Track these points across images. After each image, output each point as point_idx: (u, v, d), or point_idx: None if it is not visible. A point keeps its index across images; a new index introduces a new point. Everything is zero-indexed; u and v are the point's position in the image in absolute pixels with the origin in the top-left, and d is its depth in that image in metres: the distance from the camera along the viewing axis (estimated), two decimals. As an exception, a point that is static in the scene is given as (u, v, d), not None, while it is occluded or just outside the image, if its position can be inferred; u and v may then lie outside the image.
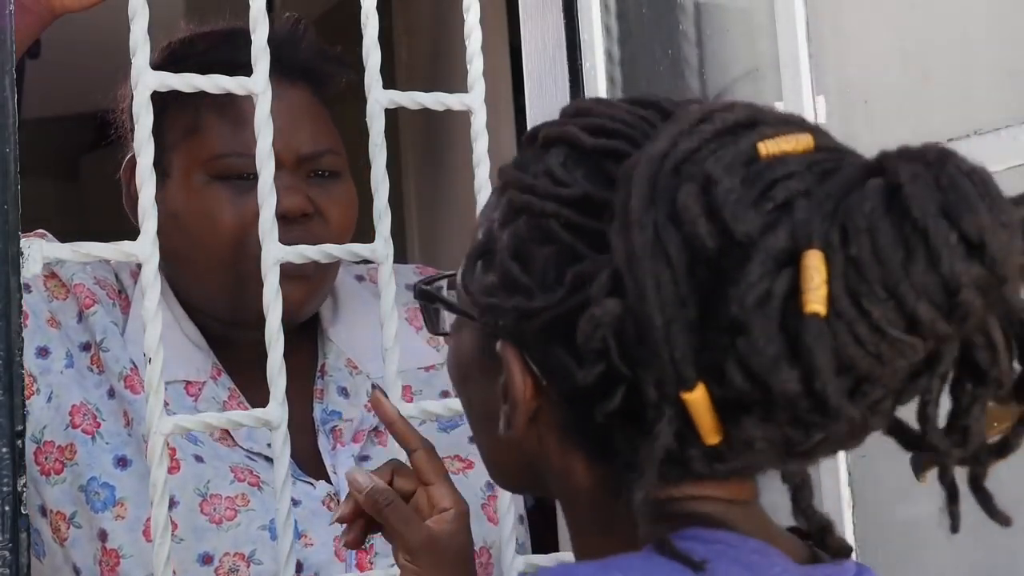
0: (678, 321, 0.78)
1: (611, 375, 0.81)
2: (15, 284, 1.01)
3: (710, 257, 0.78)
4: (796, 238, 0.77)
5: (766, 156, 0.80)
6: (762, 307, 0.76)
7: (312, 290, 1.47)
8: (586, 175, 0.85)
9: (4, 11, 1.02)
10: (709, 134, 0.81)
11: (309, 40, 1.53)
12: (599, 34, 1.46)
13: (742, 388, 0.77)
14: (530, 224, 0.86)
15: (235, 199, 1.44)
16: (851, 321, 0.76)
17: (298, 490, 1.43)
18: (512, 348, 0.86)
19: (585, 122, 0.88)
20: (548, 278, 0.84)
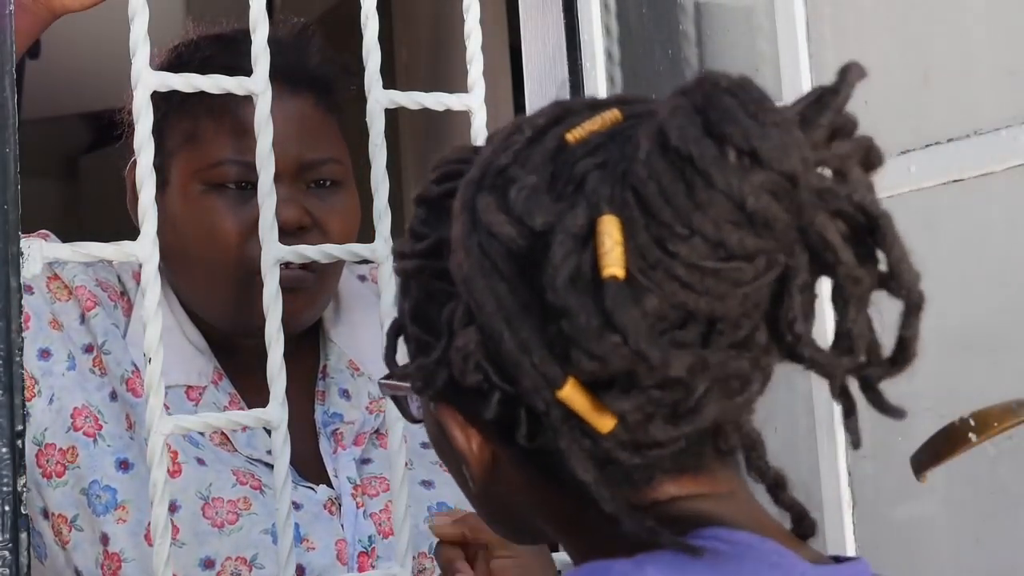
0: (525, 327, 0.78)
1: (507, 400, 0.82)
2: (15, 284, 1.01)
3: (529, 257, 0.78)
4: (590, 210, 0.77)
5: (575, 141, 0.81)
6: (574, 285, 0.76)
7: (310, 301, 1.46)
8: (439, 222, 0.86)
9: (4, 11, 1.02)
10: (520, 144, 0.82)
11: (315, 47, 1.52)
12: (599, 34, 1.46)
13: (591, 368, 0.77)
14: (416, 285, 0.88)
15: (233, 208, 1.43)
16: (667, 267, 0.75)
17: (299, 494, 1.43)
18: (444, 407, 0.87)
19: (436, 173, 0.90)
20: (440, 329, 0.85)
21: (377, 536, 1.44)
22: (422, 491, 1.47)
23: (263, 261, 1.17)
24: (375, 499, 1.46)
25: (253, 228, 1.40)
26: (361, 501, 1.45)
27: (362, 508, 1.45)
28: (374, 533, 1.44)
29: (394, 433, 1.21)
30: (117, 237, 1.14)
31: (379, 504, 1.45)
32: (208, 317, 1.49)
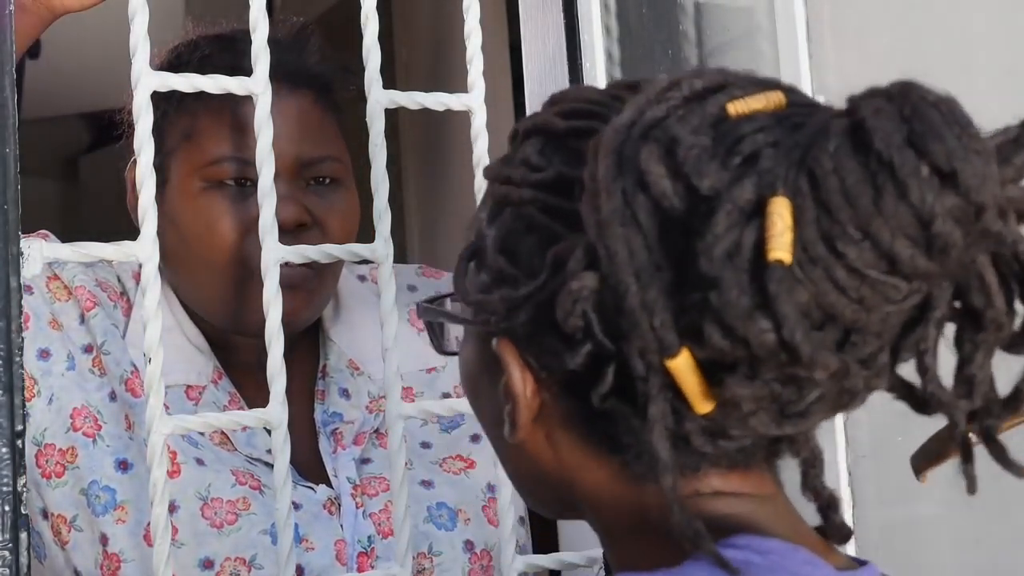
0: (654, 286, 0.76)
1: (599, 354, 0.80)
2: (15, 284, 1.01)
3: (679, 218, 0.76)
4: (762, 187, 0.75)
5: (736, 115, 0.78)
6: (731, 259, 0.74)
7: (309, 300, 1.46)
8: (561, 158, 0.84)
9: (4, 11, 1.02)
10: (677, 100, 0.80)
11: (314, 46, 1.52)
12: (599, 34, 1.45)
13: (722, 346, 0.75)
14: (513, 215, 0.85)
15: (232, 207, 1.43)
16: (828, 266, 0.74)
17: (299, 494, 1.43)
18: (507, 343, 0.85)
19: (559, 108, 0.87)
20: (533, 266, 0.83)
21: (376, 536, 1.44)
22: (422, 491, 1.47)
23: (263, 261, 1.17)
24: (374, 499, 1.46)
25: (252, 226, 1.40)
26: (360, 501, 1.45)
27: (361, 508, 1.45)
28: (373, 533, 1.44)
29: (394, 433, 1.21)
30: (117, 237, 1.14)
31: (378, 504, 1.45)
32: (208, 316, 1.49)
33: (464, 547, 1.47)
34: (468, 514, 1.48)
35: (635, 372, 0.78)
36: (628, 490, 0.85)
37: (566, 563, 1.31)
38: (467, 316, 0.89)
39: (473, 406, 0.94)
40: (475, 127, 1.27)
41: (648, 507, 0.84)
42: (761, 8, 1.51)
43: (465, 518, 1.48)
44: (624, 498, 0.85)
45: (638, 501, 0.85)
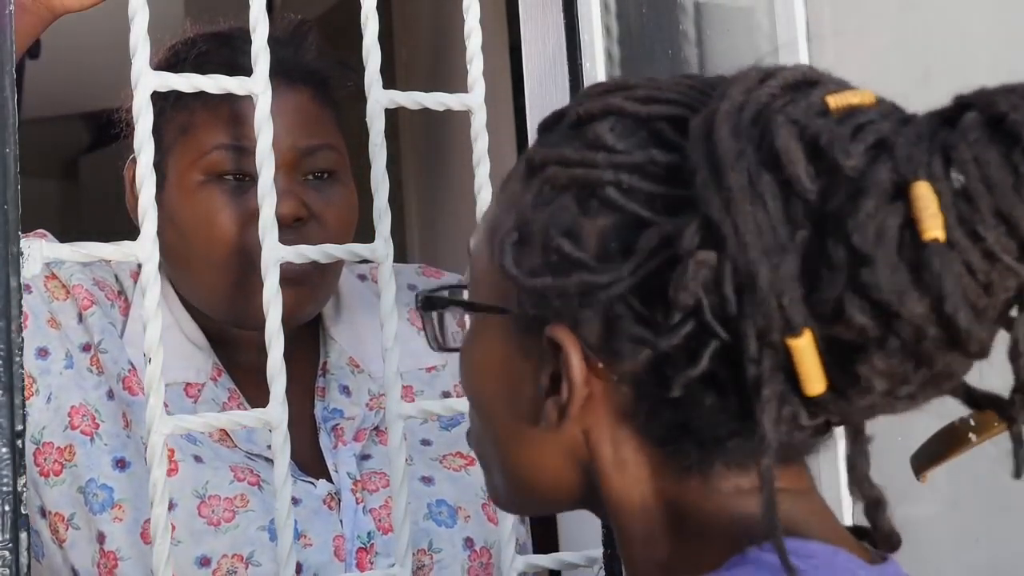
0: (783, 266, 0.77)
1: (698, 336, 0.79)
2: (15, 284, 1.01)
3: (808, 199, 0.77)
4: (900, 172, 0.76)
5: (836, 109, 0.80)
6: (881, 238, 0.75)
7: (310, 295, 1.46)
8: (642, 142, 0.83)
9: (4, 11, 1.02)
10: (777, 89, 0.81)
11: (311, 43, 1.52)
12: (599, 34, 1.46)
13: (862, 323, 0.76)
14: (580, 198, 0.84)
15: (230, 201, 1.43)
16: (964, 250, 0.76)
17: (298, 489, 1.43)
18: (566, 329, 0.83)
19: (629, 94, 0.86)
20: (609, 250, 0.82)
21: (376, 532, 1.44)
22: (422, 487, 1.47)
23: (263, 261, 1.17)
24: (375, 495, 1.46)
25: (250, 220, 1.40)
26: (360, 496, 1.45)
27: (361, 504, 1.45)
28: (373, 529, 1.44)
29: (394, 430, 1.21)
30: (117, 237, 1.14)
31: (378, 500, 1.45)
32: (208, 311, 1.49)
33: (464, 544, 1.47)
34: (468, 512, 1.48)
35: (747, 353, 0.78)
36: (667, 486, 0.85)
37: (566, 563, 1.31)
38: (494, 302, 0.88)
39: (486, 403, 0.91)
40: (475, 127, 1.27)
41: (688, 501, 0.84)
42: (761, 8, 1.51)
43: (465, 515, 1.48)
44: (661, 495, 0.85)
45: (677, 495, 0.85)
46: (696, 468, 0.84)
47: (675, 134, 0.83)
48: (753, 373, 0.78)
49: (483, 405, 0.91)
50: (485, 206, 1.26)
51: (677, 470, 0.84)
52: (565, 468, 0.87)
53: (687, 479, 0.84)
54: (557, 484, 0.89)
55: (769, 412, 0.78)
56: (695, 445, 0.83)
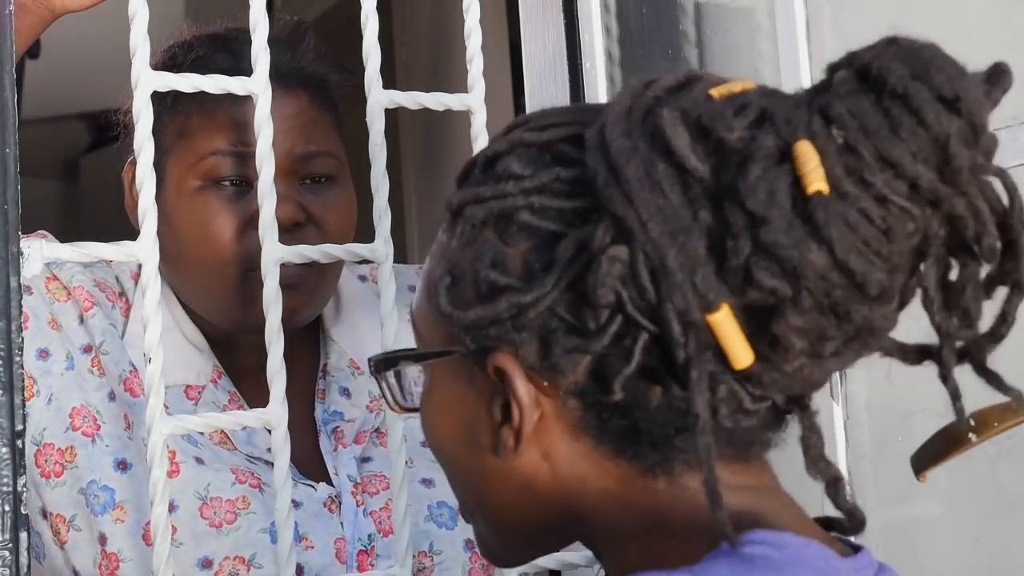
0: (689, 244, 0.79)
1: (626, 332, 0.82)
2: (15, 284, 1.01)
3: (703, 178, 0.80)
4: (782, 136, 0.79)
5: (719, 98, 0.83)
6: (773, 197, 0.78)
7: (309, 298, 1.46)
8: (547, 164, 0.87)
9: (4, 11, 1.02)
10: (662, 91, 0.85)
11: (309, 45, 1.52)
12: (599, 34, 1.46)
13: (772, 285, 0.78)
14: (499, 228, 0.87)
15: (228, 206, 1.43)
16: (856, 197, 0.78)
17: (299, 492, 1.43)
18: (507, 356, 0.85)
19: (527, 127, 0.90)
20: (533, 269, 0.85)
21: (377, 534, 1.44)
22: (422, 489, 1.47)
23: (263, 261, 1.16)
24: (375, 497, 1.46)
25: (248, 225, 1.40)
26: (361, 499, 1.45)
27: (362, 506, 1.45)
28: (374, 531, 1.44)
29: (394, 432, 1.21)
30: (117, 237, 1.14)
31: (379, 502, 1.45)
32: (206, 315, 1.49)
33: (465, 546, 1.47)
34: (468, 513, 1.48)
35: (672, 337, 0.80)
36: (637, 489, 0.86)
37: (566, 563, 1.31)
38: (442, 347, 0.90)
39: (446, 450, 0.93)
40: (475, 127, 1.27)
41: (659, 504, 0.85)
42: (761, 8, 1.51)
43: (465, 517, 1.48)
44: (632, 500, 0.86)
45: (648, 500, 0.86)
46: (659, 469, 0.85)
47: (575, 150, 0.86)
48: (681, 356, 0.80)
49: (448, 452, 0.93)
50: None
51: (641, 475, 0.86)
52: (531, 498, 0.89)
53: (653, 482, 0.86)
54: (528, 516, 0.90)
55: (700, 391, 0.80)
56: (650, 447, 0.85)
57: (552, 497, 0.88)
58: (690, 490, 0.85)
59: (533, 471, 0.87)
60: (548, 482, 0.88)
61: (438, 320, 0.89)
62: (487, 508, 0.92)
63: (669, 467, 0.86)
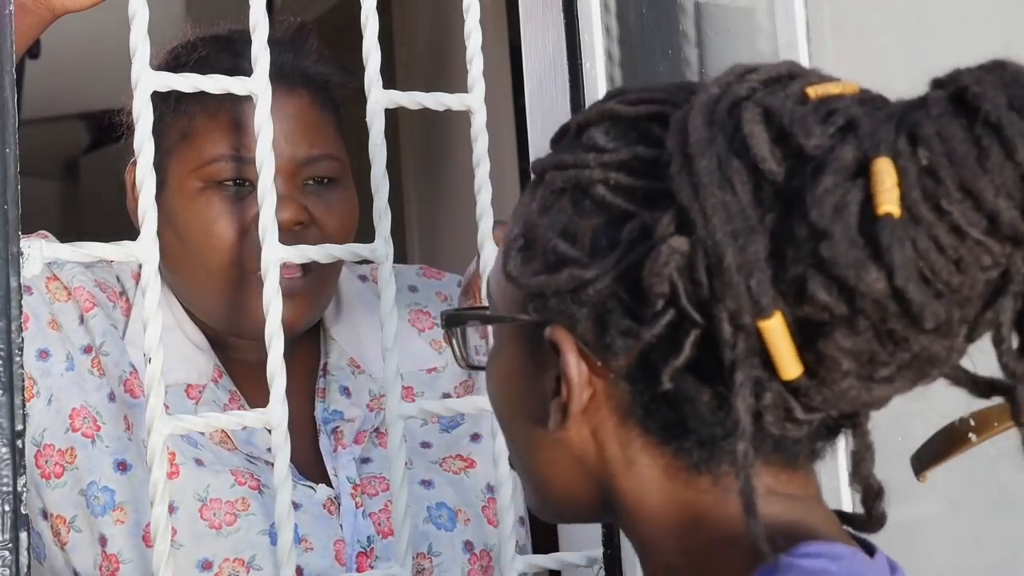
0: (750, 247, 0.78)
1: (679, 324, 0.80)
2: (15, 284, 1.01)
3: (776, 181, 0.78)
4: (864, 149, 0.77)
5: (816, 98, 0.81)
6: (840, 213, 0.76)
7: (307, 306, 1.46)
8: (630, 141, 0.85)
9: (4, 11, 1.02)
10: (757, 82, 0.82)
11: (311, 46, 1.52)
12: (599, 34, 1.45)
13: (825, 301, 0.76)
14: (575, 198, 0.86)
15: (230, 207, 1.43)
16: (930, 224, 0.75)
17: (299, 493, 1.43)
18: (562, 330, 0.84)
19: (622, 98, 0.88)
20: (599, 245, 0.84)
21: (376, 536, 1.44)
22: (422, 491, 1.47)
23: (263, 261, 1.16)
24: (374, 499, 1.46)
25: (250, 227, 1.40)
26: (360, 501, 1.45)
27: (361, 508, 1.45)
28: (373, 533, 1.44)
29: (393, 432, 1.21)
30: (117, 237, 1.14)
31: (378, 504, 1.45)
32: (204, 317, 1.49)
33: (464, 547, 1.47)
34: (468, 514, 1.48)
35: (722, 337, 0.78)
36: (681, 483, 0.85)
37: (566, 563, 1.31)
38: (510, 313, 0.89)
39: (505, 415, 0.92)
40: (475, 127, 1.27)
41: (702, 502, 0.84)
42: (761, 8, 1.51)
43: (465, 518, 1.48)
44: (675, 493, 0.85)
45: (691, 497, 0.85)
46: (704, 467, 0.84)
47: (660, 130, 0.84)
48: (728, 357, 0.78)
49: (504, 415, 0.93)
50: (485, 206, 1.26)
51: (686, 470, 0.84)
52: (578, 474, 0.88)
53: (697, 480, 0.84)
54: (573, 490, 0.89)
55: (743, 395, 0.78)
56: (696, 444, 0.84)
57: (597, 477, 0.87)
58: (733, 493, 0.82)
59: (581, 448, 0.87)
60: (594, 461, 0.87)
61: (507, 282, 0.89)
62: (535, 476, 0.91)
63: (715, 466, 0.84)
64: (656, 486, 0.85)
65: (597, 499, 0.89)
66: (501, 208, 1.26)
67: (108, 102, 1.56)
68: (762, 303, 0.77)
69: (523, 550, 1.51)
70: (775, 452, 0.84)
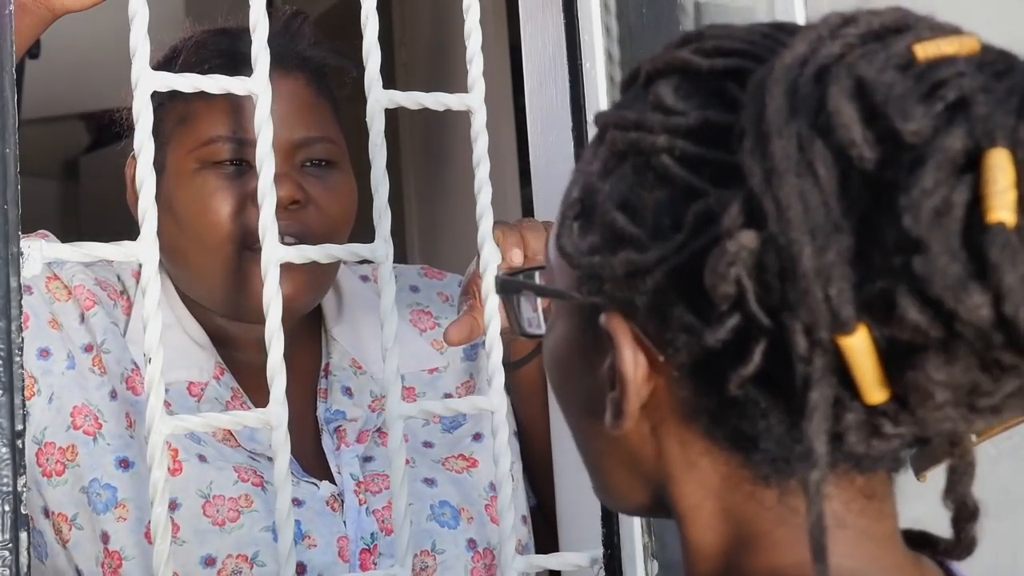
0: (832, 249, 0.65)
1: (747, 330, 0.69)
2: (15, 284, 1.01)
3: (867, 169, 0.65)
4: (976, 137, 0.63)
5: (925, 59, 0.67)
6: (941, 219, 0.63)
7: (308, 282, 1.46)
8: (703, 101, 0.72)
9: (4, 11, 1.02)
10: (854, 38, 0.69)
11: (306, 31, 1.53)
12: (599, 34, 1.45)
13: (917, 322, 0.64)
14: (638, 166, 0.74)
15: (227, 184, 1.44)
16: None
17: (302, 490, 1.43)
18: (619, 318, 0.73)
19: (697, 46, 0.75)
20: (662, 225, 0.72)
21: (379, 533, 1.44)
22: (425, 489, 1.47)
23: (263, 261, 1.16)
24: (377, 496, 1.46)
25: (247, 202, 1.41)
26: (364, 498, 1.45)
27: (364, 505, 1.45)
28: (376, 530, 1.44)
29: (394, 431, 1.21)
30: (117, 237, 1.14)
31: (381, 501, 1.45)
32: (205, 302, 1.49)
33: (467, 546, 1.47)
34: (471, 513, 1.48)
35: (795, 351, 0.67)
36: (742, 498, 0.75)
37: (567, 563, 1.31)
38: (564, 287, 0.78)
39: (559, 394, 0.82)
40: (475, 127, 1.27)
41: (760, 519, 0.75)
42: (761, 8, 1.51)
43: (468, 517, 1.48)
44: (733, 507, 0.75)
45: (750, 511, 0.75)
46: (772, 480, 0.74)
47: (738, 91, 0.71)
48: (802, 373, 0.67)
49: (560, 395, 0.83)
50: (485, 206, 1.26)
51: (751, 481, 0.74)
52: (633, 470, 0.79)
53: (762, 494, 0.74)
54: (627, 485, 0.80)
55: (818, 420, 0.67)
56: (766, 459, 0.73)
57: (653, 476, 0.78)
58: (800, 516, 0.72)
59: (638, 445, 0.77)
60: (651, 460, 0.77)
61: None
62: (590, 464, 0.82)
63: (784, 480, 0.74)
64: (715, 494, 0.76)
65: (651, 498, 0.79)
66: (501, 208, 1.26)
67: (108, 102, 1.56)
68: (842, 317, 0.65)
69: (526, 549, 1.51)
70: (854, 469, 0.74)
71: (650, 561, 1.29)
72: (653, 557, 1.29)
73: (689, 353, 0.72)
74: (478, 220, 1.27)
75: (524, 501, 1.54)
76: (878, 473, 0.76)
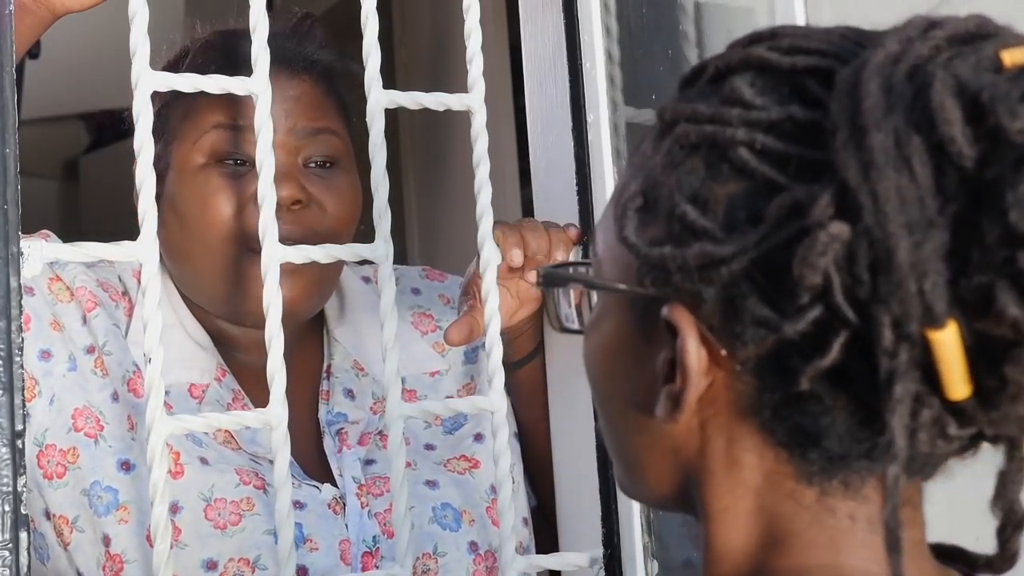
0: (927, 243, 0.66)
1: (828, 322, 0.70)
2: (15, 284, 1.01)
3: (964, 166, 0.66)
4: None
5: (1012, 66, 0.68)
6: None
7: (310, 286, 1.46)
8: (783, 98, 0.74)
9: (4, 11, 1.02)
10: (942, 40, 0.70)
11: (315, 35, 1.53)
12: (599, 34, 1.45)
13: (1016, 317, 0.65)
14: (710, 159, 0.74)
15: (229, 184, 1.44)
16: None
17: (303, 493, 1.43)
18: (683, 310, 0.74)
19: (772, 44, 0.76)
20: (736, 218, 0.72)
21: (381, 536, 1.44)
22: (426, 491, 1.47)
23: (263, 261, 1.16)
24: (379, 499, 1.46)
25: (249, 202, 1.40)
26: (365, 501, 1.45)
27: (366, 508, 1.45)
28: (378, 533, 1.44)
29: (393, 432, 1.21)
30: (117, 237, 1.14)
31: (383, 504, 1.45)
32: (206, 304, 1.49)
33: (469, 548, 1.47)
34: (473, 515, 1.48)
35: (881, 344, 0.67)
36: (780, 496, 0.75)
37: (567, 563, 1.31)
38: (621, 280, 0.79)
39: (602, 388, 0.83)
40: (475, 127, 1.27)
41: (796, 519, 0.75)
42: (761, 8, 1.51)
43: (470, 519, 1.48)
44: (770, 505, 0.76)
45: (786, 511, 0.75)
46: (817, 479, 0.75)
47: (820, 89, 0.73)
48: (886, 367, 0.68)
49: (601, 391, 0.83)
50: (485, 206, 1.26)
51: (793, 478, 0.75)
52: (671, 464, 0.79)
53: (802, 492, 0.75)
54: (661, 479, 0.80)
55: (902, 414, 0.67)
56: (822, 456, 0.74)
57: (689, 470, 0.78)
58: (836, 517, 0.74)
59: (684, 439, 0.77)
60: (693, 455, 0.78)
61: (620, 246, 0.78)
62: (626, 458, 0.83)
63: (827, 480, 0.75)
64: (753, 491, 0.76)
65: (678, 493, 0.80)
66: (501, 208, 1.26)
67: (108, 102, 1.57)
68: (935, 310, 0.66)
69: (526, 550, 1.51)
70: (909, 472, 0.74)
71: (650, 561, 1.29)
72: (653, 557, 1.29)
73: (758, 346, 0.73)
74: (478, 220, 1.27)
75: (525, 503, 1.54)
76: (916, 481, 0.77)
